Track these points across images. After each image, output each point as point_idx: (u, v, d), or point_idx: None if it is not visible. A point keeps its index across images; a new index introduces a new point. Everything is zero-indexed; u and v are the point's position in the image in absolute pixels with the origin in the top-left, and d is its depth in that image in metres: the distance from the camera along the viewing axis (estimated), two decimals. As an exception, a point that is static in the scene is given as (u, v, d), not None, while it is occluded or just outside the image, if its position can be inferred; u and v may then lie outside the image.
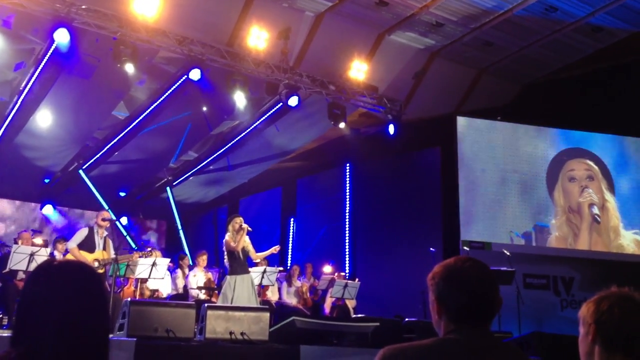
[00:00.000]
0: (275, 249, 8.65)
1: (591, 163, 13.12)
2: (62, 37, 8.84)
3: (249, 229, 8.11)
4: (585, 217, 12.80)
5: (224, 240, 8.21)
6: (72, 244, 8.21)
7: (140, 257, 8.79)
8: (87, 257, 8.04)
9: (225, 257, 8.14)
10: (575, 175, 13.01)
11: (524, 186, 12.81)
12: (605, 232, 12.84)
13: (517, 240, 12.39)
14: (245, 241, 8.16)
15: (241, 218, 8.28)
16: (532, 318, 11.23)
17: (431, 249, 10.92)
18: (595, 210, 12.76)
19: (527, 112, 13.33)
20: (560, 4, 11.14)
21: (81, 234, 8.32)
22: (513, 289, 9.80)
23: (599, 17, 11.59)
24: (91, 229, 8.36)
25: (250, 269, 9.94)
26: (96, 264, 7.98)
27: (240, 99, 10.99)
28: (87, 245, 8.21)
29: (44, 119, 11.58)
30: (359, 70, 11.60)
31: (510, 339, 7.96)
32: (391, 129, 12.08)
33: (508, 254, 10.52)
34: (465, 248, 11.47)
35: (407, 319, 9.09)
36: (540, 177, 12.95)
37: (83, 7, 9.09)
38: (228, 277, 8.10)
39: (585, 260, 12.53)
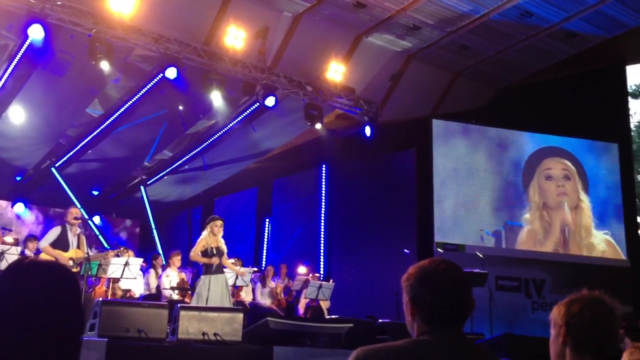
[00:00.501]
0: (247, 271, 8.64)
1: (568, 163, 13.30)
2: (36, 33, 8.72)
3: (217, 232, 8.12)
4: (559, 215, 12.96)
5: (198, 239, 8.19)
6: (44, 243, 8.08)
7: (115, 256, 8.70)
8: (61, 256, 7.92)
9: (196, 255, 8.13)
10: (552, 173, 13.19)
11: (498, 189, 12.93)
12: (577, 230, 13.03)
13: (488, 238, 12.51)
14: (221, 242, 8.14)
15: (221, 222, 8.28)
16: (503, 320, 11.35)
17: (405, 250, 10.97)
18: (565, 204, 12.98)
19: (501, 116, 13.46)
20: (536, 9, 11.27)
21: (53, 232, 8.19)
22: (485, 291, 9.88)
23: (573, 23, 11.75)
24: (64, 227, 8.23)
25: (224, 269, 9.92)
26: (71, 263, 7.88)
27: (216, 98, 10.94)
28: (60, 244, 8.09)
29: (16, 115, 11.41)
30: (336, 71, 11.62)
31: (482, 340, 8.03)
32: (367, 130, 12.12)
33: (481, 256, 10.61)
34: (439, 250, 11.54)
35: (380, 320, 9.11)
36: (513, 180, 13.08)
37: (58, 3, 8.99)
38: (202, 276, 8.07)
39: (556, 262, 12.69)
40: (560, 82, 13.70)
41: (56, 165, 13.52)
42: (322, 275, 12.99)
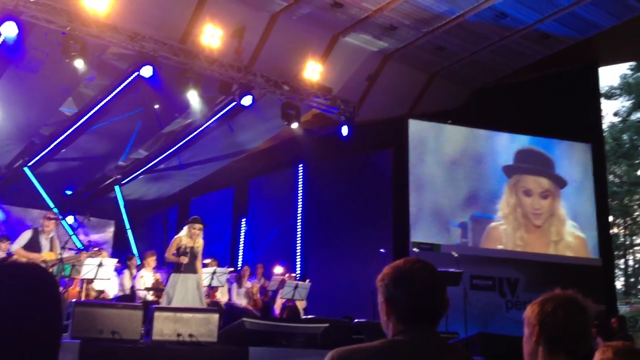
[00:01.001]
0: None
1: (546, 181, 13.42)
2: (9, 30, 8.59)
3: (196, 234, 8.07)
4: (530, 224, 13.13)
5: (174, 237, 8.16)
6: (16, 246, 8.01)
7: (88, 257, 8.61)
8: (33, 257, 7.82)
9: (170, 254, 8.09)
10: (530, 192, 13.31)
11: (473, 188, 13.03)
12: (547, 230, 13.19)
13: (454, 230, 12.58)
14: (197, 244, 8.10)
15: (201, 225, 8.26)
16: (478, 319, 11.44)
17: (381, 250, 11.01)
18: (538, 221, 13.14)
19: (477, 116, 13.57)
20: (510, 11, 11.38)
21: (25, 236, 8.12)
22: (460, 290, 9.95)
23: (547, 24, 11.89)
24: (36, 230, 8.15)
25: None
26: (43, 265, 7.78)
27: (192, 97, 10.86)
28: (32, 247, 8.00)
29: (-13, 113, 11.24)
30: (313, 71, 11.61)
31: (457, 339, 8.08)
32: (344, 130, 12.13)
33: (456, 255, 10.69)
34: (414, 249, 11.59)
35: (356, 320, 9.13)
36: (489, 178, 13.19)
37: (32, 0, 8.85)
38: (171, 275, 8.03)
39: (530, 262, 12.83)
40: (534, 83, 13.85)
41: (29, 164, 13.35)
42: (298, 275, 12.98)
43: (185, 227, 8.27)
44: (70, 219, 14.10)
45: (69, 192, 15.17)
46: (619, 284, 31.19)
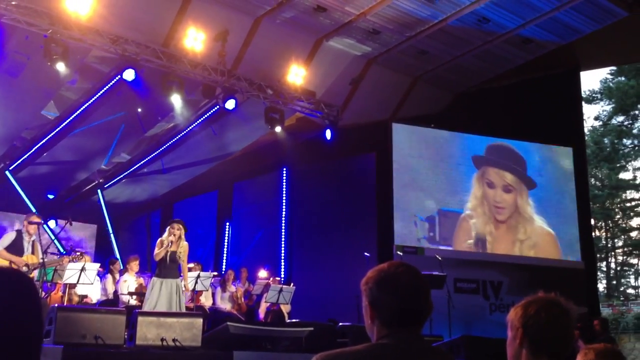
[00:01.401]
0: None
1: (508, 175, 13.48)
2: (-11, 33, 8.51)
3: (172, 239, 8.01)
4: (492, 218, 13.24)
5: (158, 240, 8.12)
6: (-2, 247, 7.91)
7: (70, 261, 8.54)
8: (16, 260, 7.75)
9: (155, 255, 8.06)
10: (492, 184, 13.35)
11: (454, 191, 13.10)
12: (513, 232, 13.28)
13: (421, 224, 12.61)
14: (181, 248, 8.05)
15: (179, 225, 8.19)
16: (462, 322, 11.48)
17: (365, 253, 11.02)
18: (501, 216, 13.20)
19: (459, 120, 13.65)
20: (493, 16, 11.46)
21: (8, 237, 8.04)
22: (444, 293, 9.99)
23: (529, 30, 11.99)
24: (19, 233, 8.07)
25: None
26: (25, 269, 7.70)
27: (175, 100, 10.83)
28: (15, 249, 7.93)
29: (-32, 117, 11.13)
30: (296, 74, 11.62)
31: (441, 342, 8.11)
32: (328, 134, 12.15)
33: (440, 258, 10.73)
34: (398, 253, 11.63)
35: (340, 324, 9.14)
36: (468, 178, 13.27)
37: (13, 2, 8.78)
38: (152, 278, 8.00)
39: (513, 265, 12.91)
40: (516, 87, 13.96)
41: (10, 168, 13.23)
42: (282, 279, 12.96)
43: (167, 229, 8.23)
44: (52, 223, 13.98)
45: (50, 196, 15.05)
46: (601, 286, 31.53)
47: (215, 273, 11.49)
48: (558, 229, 13.49)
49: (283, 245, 14.34)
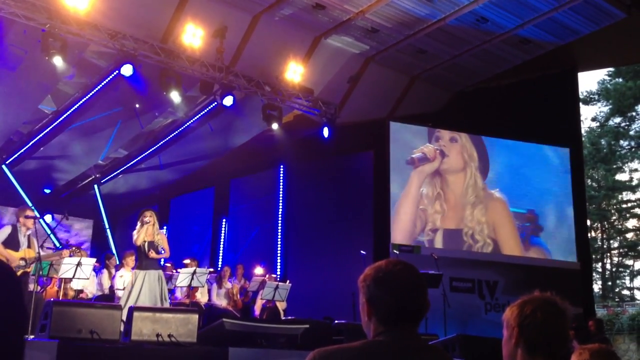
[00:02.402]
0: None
1: (463, 134, 13.32)
2: (-13, 27, 8.49)
3: (148, 222, 7.99)
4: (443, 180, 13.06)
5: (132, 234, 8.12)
6: (-5, 242, 7.87)
7: (69, 255, 8.52)
8: (13, 255, 7.72)
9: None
10: (439, 135, 13.17)
11: (453, 191, 13.11)
12: (453, 191, 13.06)
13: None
14: (157, 237, 8.03)
15: (151, 212, 8.19)
16: (457, 321, 11.50)
17: (362, 251, 11.02)
18: (415, 155, 12.87)
19: (457, 119, 13.66)
20: (491, 15, 11.47)
21: (4, 232, 8.00)
22: (440, 292, 10.00)
23: (527, 30, 12.00)
24: (14, 227, 8.04)
25: (180, 270, 9.82)
26: (22, 263, 7.69)
27: (173, 96, 10.81)
28: (11, 243, 7.89)
29: (-35, 111, 11.10)
30: (294, 72, 11.61)
31: (436, 341, 8.12)
32: (325, 132, 12.15)
33: (436, 257, 10.74)
34: (395, 251, 11.63)
35: (336, 321, 9.14)
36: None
37: (10, -4, 8.76)
38: (134, 270, 7.98)
39: (509, 264, 12.93)
40: (514, 87, 13.98)
41: (7, 162, 13.20)
42: (279, 276, 12.97)
43: (138, 220, 8.21)
44: (48, 218, 13.97)
45: (47, 191, 15.03)
46: (597, 287, 31.61)
47: (211, 269, 11.48)
48: (554, 229, 13.52)
49: (279, 243, 14.35)
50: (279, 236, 14.40)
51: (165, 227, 8.29)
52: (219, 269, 12.91)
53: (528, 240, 13.33)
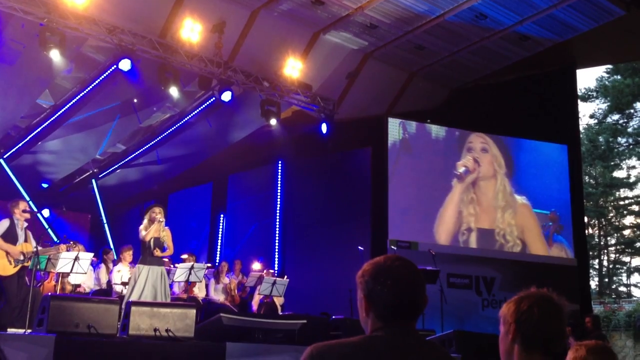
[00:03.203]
0: None
1: (488, 138, 13.62)
2: (-15, 20, 8.47)
3: (161, 220, 7.98)
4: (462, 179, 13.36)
5: (139, 229, 8.08)
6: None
7: (67, 250, 8.51)
8: (14, 249, 7.71)
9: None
10: (472, 146, 13.51)
11: (485, 195, 13.17)
12: (485, 195, 13.38)
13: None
14: (163, 233, 8.01)
15: (160, 208, 8.15)
16: (454, 317, 11.53)
17: (359, 247, 11.04)
18: (462, 170, 13.29)
19: (455, 116, 13.66)
20: (490, 12, 11.46)
21: (2, 225, 7.98)
22: (437, 288, 10.02)
23: (526, 26, 12.00)
24: (12, 221, 8.01)
25: (177, 265, 9.82)
26: (21, 257, 7.68)
27: (171, 91, 10.80)
28: (9, 237, 7.87)
29: (-38, 105, 11.08)
30: (293, 67, 11.60)
31: (433, 336, 8.14)
32: (324, 127, 12.15)
33: (433, 253, 10.75)
34: (392, 247, 11.65)
35: (334, 317, 9.16)
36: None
37: (8, -10, 8.74)
38: (137, 265, 7.97)
39: (506, 261, 12.96)
40: (512, 84, 13.98)
41: (5, 156, 13.18)
42: (276, 272, 12.98)
43: (145, 215, 8.17)
44: (46, 212, 13.95)
45: (45, 185, 15.01)
46: (593, 283, 31.67)
47: (209, 264, 11.49)
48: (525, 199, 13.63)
49: (277, 238, 14.35)
50: (277, 232, 14.40)
51: (143, 221, 8.23)
52: (216, 264, 12.92)
53: (551, 238, 13.63)
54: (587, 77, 58.27)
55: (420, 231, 12.64)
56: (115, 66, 10.01)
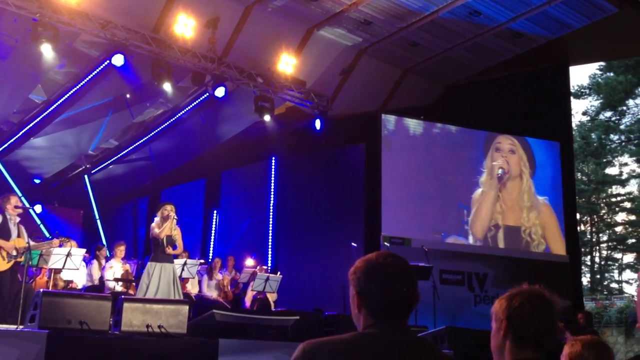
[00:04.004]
0: None
1: (515, 140, 13.88)
2: (-24, 15, 8.41)
3: (176, 218, 8.02)
4: (495, 178, 13.57)
5: (151, 226, 8.10)
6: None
7: (59, 245, 8.48)
8: (5, 244, 7.67)
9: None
10: (500, 147, 13.73)
11: (444, 185, 13.15)
12: (510, 194, 13.62)
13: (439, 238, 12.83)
14: (175, 232, 8.04)
15: (172, 206, 8.17)
16: (446, 313, 11.55)
17: (353, 244, 11.04)
18: (500, 172, 13.60)
19: (449, 113, 13.68)
20: (484, 9, 11.47)
21: (-4, 220, 7.93)
22: (430, 284, 10.04)
23: (519, 23, 12.01)
24: (4, 216, 7.97)
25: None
26: (14, 253, 7.64)
27: (165, 87, 10.77)
28: (2, 232, 7.82)
29: (-46, 100, 11.02)
30: (287, 63, 11.58)
31: (425, 333, 8.16)
32: (317, 124, 12.15)
33: (426, 249, 10.77)
34: (385, 244, 11.66)
35: (327, 313, 9.17)
36: (459, 171, 13.33)
37: (0, -16, 8.69)
38: (149, 263, 7.97)
39: (498, 257, 13.01)
40: (506, 81, 14.00)
41: (-4, 152, 13.12)
42: (269, 268, 12.98)
43: (158, 212, 8.20)
44: (38, 208, 13.90)
45: (37, 181, 14.95)
46: (585, 280, 31.80)
47: (202, 261, 11.48)
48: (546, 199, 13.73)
49: (270, 234, 14.35)
50: (270, 228, 14.39)
51: (155, 218, 8.26)
52: (209, 260, 12.90)
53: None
54: (580, 74, 58.51)
55: (414, 227, 12.66)
56: (108, 61, 9.97)
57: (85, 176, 15.03)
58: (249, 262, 12.23)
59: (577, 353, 2.42)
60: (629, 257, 33.26)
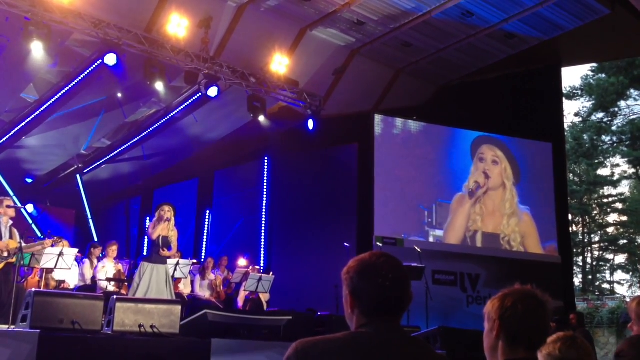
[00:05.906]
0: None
1: (499, 151, 13.83)
2: (-32, 13, 8.37)
3: (169, 218, 7.99)
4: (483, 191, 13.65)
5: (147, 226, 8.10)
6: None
7: (51, 245, 8.45)
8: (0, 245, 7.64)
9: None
10: (483, 157, 13.74)
11: (436, 182, 13.18)
12: (494, 201, 13.67)
13: (421, 212, 12.85)
14: (171, 233, 8.02)
15: (170, 207, 8.15)
16: (439, 313, 11.58)
17: (345, 244, 11.05)
18: (473, 186, 13.58)
19: (441, 113, 13.71)
20: (477, 10, 11.51)
21: (-14, 222, 7.90)
22: (422, 285, 10.06)
23: (512, 24, 12.06)
24: (-5, 217, 7.94)
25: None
26: (5, 254, 7.61)
27: (157, 86, 10.74)
28: (-7, 234, 7.80)
29: (-55, 98, 10.95)
30: (280, 63, 11.58)
31: (418, 333, 8.17)
32: (310, 124, 12.14)
33: (419, 250, 10.80)
34: (378, 244, 11.67)
35: (319, 313, 9.17)
36: (451, 169, 13.36)
37: (-8, -18, 8.64)
38: (142, 262, 7.96)
39: (491, 258, 13.04)
40: (498, 82, 14.05)
41: (-12, 151, 13.05)
42: (262, 268, 12.96)
43: (156, 213, 8.19)
44: (30, 208, 13.84)
45: (29, 180, 14.89)
46: (577, 281, 31.92)
47: (195, 261, 11.45)
48: (536, 223, 13.66)
49: (263, 234, 14.33)
50: (263, 228, 14.38)
51: (148, 218, 8.25)
52: (202, 260, 12.87)
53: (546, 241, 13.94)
54: (572, 76, 58.73)
55: (406, 228, 12.68)
56: (100, 60, 9.92)
57: (78, 176, 14.97)
58: (242, 262, 12.21)
59: (555, 350, 2.42)
60: (620, 258, 33.44)
